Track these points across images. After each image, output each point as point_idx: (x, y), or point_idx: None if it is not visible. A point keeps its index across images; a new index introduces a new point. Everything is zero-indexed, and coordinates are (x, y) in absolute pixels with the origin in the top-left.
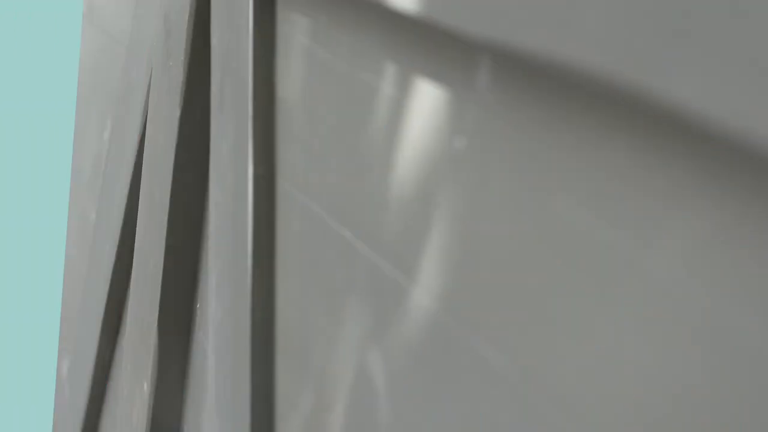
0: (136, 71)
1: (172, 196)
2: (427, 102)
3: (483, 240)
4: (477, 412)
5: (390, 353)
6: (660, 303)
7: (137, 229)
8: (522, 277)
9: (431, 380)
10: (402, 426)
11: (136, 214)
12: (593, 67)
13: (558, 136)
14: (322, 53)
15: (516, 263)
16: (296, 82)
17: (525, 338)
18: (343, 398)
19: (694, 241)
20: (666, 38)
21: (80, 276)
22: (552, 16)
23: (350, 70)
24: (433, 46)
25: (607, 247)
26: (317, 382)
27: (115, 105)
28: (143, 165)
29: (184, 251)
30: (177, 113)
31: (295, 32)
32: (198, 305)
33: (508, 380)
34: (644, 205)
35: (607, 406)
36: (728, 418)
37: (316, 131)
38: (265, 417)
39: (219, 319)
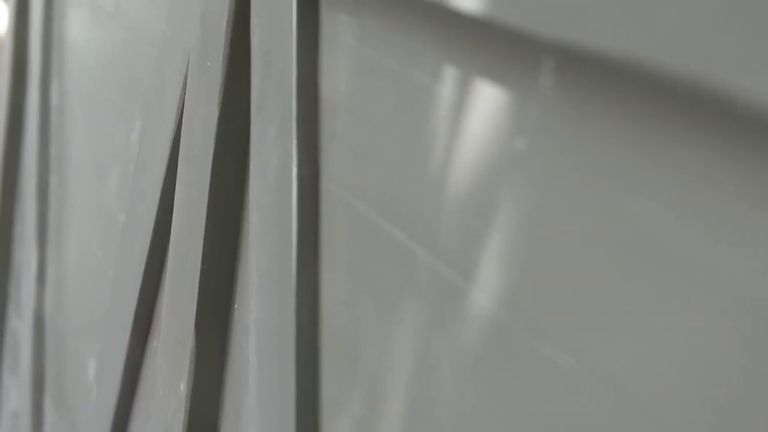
0: (170, 71)
1: (210, 197)
2: (483, 101)
3: (544, 240)
4: (541, 415)
5: (447, 355)
6: (736, 304)
7: (173, 230)
8: (585, 277)
9: (491, 382)
10: (462, 429)
11: (169, 216)
12: (671, 68)
13: (623, 136)
14: (369, 53)
15: (579, 263)
16: (341, 83)
17: (591, 339)
18: (396, 402)
19: None
20: (753, 36)
21: (105, 276)
22: (627, 14)
23: (401, 69)
24: (489, 45)
25: (674, 247)
26: (367, 384)
27: (145, 105)
28: (179, 165)
29: (221, 252)
30: (215, 114)
31: (339, 32)
32: (236, 306)
33: (576, 382)
34: (717, 205)
35: (678, 407)
36: None
37: (365, 132)
38: (311, 420)
39: (261, 319)
